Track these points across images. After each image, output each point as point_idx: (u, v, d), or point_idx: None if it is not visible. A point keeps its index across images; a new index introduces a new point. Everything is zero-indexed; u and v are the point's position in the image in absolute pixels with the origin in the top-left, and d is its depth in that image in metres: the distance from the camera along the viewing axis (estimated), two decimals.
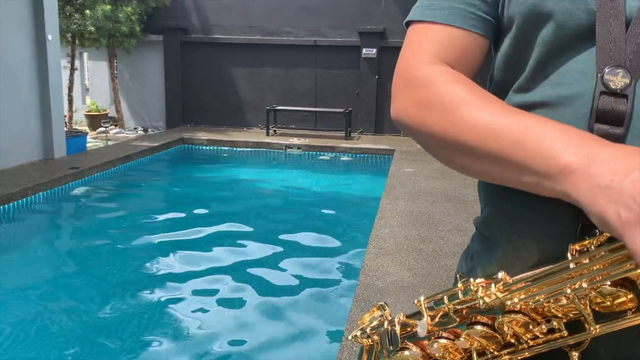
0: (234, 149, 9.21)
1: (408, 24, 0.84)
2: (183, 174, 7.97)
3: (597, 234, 0.56)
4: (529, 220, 0.73)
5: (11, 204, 5.35)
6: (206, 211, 5.99)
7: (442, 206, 5.26)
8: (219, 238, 5.00)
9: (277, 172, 8.10)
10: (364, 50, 10.08)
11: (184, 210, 6.01)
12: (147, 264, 4.34)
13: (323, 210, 6.14)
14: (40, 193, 5.80)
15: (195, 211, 5.97)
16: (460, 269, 0.88)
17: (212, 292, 3.87)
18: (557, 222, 0.68)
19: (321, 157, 8.82)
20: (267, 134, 9.89)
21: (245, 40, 10.48)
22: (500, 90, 0.81)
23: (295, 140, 9.29)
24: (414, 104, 0.77)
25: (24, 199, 5.54)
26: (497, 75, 0.82)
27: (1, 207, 5.22)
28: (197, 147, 9.35)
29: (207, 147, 9.31)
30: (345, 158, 8.75)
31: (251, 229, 5.37)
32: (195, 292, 3.86)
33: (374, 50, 10.05)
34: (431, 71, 0.77)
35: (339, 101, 10.44)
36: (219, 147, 9.27)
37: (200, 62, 10.76)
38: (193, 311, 3.58)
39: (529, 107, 0.73)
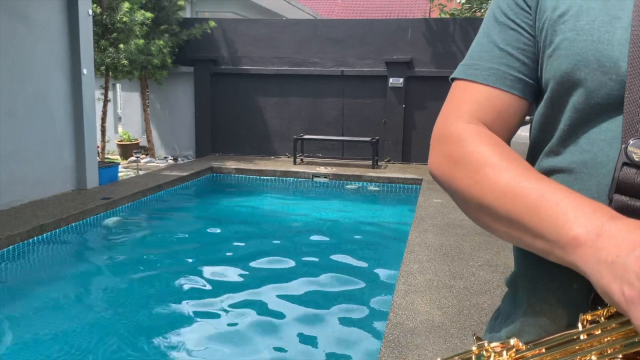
0: (262, 177, 9.27)
1: (453, 79, 0.88)
2: (212, 203, 8.05)
3: (609, 304, 0.56)
4: (546, 284, 0.74)
5: (44, 234, 5.47)
6: (234, 240, 6.03)
7: (472, 240, 5.17)
8: (245, 267, 5.00)
9: (304, 201, 8.12)
10: (391, 80, 10.13)
11: (213, 239, 6.06)
12: (178, 291, 4.37)
13: (350, 241, 6.10)
14: (73, 224, 5.91)
15: (224, 239, 6.03)
16: (488, 327, 0.89)
17: (235, 320, 3.85)
18: (571, 289, 0.69)
19: (348, 186, 8.80)
20: (295, 163, 9.94)
21: (273, 71, 10.64)
22: (534, 151, 0.83)
23: (322, 169, 9.31)
24: (445, 160, 0.80)
25: (57, 230, 5.66)
26: (533, 136, 0.83)
27: (35, 237, 5.34)
28: (225, 175, 9.45)
29: (236, 176, 9.40)
30: (372, 187, 8.72)
31: (277, 259, 5.37)
32: (220, 319, 3.86)
33: (401, 80, 10.08)
34: (464, 129, 0.80)
35: (365, 130, 10.47)
36: (247, 176, 9.35)
37: (229, 92, 10.95)
38: (217, 340, 3.57)
39: (556, 172, 0.74)
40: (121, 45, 8.91)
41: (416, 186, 8.52)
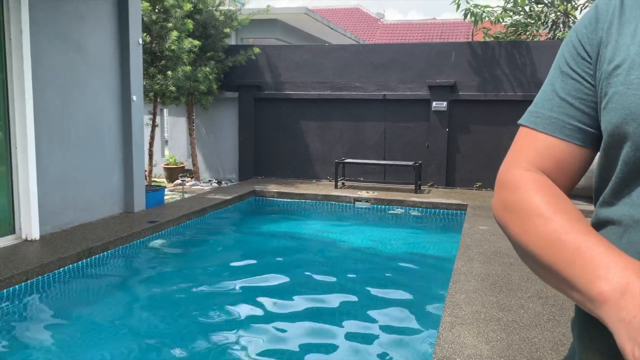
0: (303, 201, 9.29)
1: (519, 125, 0.91)
2: (254, 226, 8.11)
3: None
4: (590, 333, 0.78)
5: (93, 257, 5.62)
6: (275, 264, 6.04)
7: (521, 270, 5.00)
8: (286, 291, 4.98)
9: (345, 226, 8.07)
10: (434, 104, 10.05)
11: (255, 262, 6.09)
12: (222, 313, 4.39)
13: (392, 269, 6.00)
14: (121, 246, 6.05)
15: (266, 263, 6.04)
16: None
17: (277, 346, 3.82)
18: (608, 341, 0.69)
19: (390, 211, 8.71)
20: (336, 187, 9.94)
21: (316, 96, 10.74)
22: (595, 198, 0.84)
23: (364, 194, 9.26)
24: (502, 205, 0.85)
25: (105, 253, 5.80)
26: (594, 183, 0.85)
27: (84, 260, 5.49)
28: (267, 199, 9.52)
29: (278, 200, 9.46)
30: (415, 212, 8.60)
31: (316, 284, 5.33)
32: (261, 343, 3.83)
33: (445, 103, 9.99)
34: (520, 177, 0.83)
35: (408, 154, 10.38)
36: (288, 200, 9.39)
37: (272, 116, 11.10)
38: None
39: (609, 224, 0.77)
40: (169, 73, 9.19)
41: (461, 212, 8.35)
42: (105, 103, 6.98)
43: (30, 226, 5.79)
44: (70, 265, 5.29)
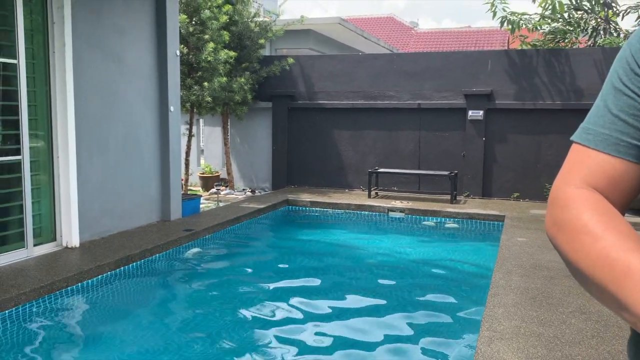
0: (336, 210, 9.26)
1: (572, 141, 0.91)
2: (288, 235, 8.12)
3: None
4: None
5: (131, 264, 5.71)
6: (308, 273, 6.03)
7: (562, 284, 4.85)
8: (318, 301, 4.95)
9: (379, 236, 8.00)
10: (470, 112, 9.91)
11: (289, 270, 6.08)
12: (255, 321, 4.39)
13: (427, 281, 5.91)
14: (157, 254, 6.14)
15: (298, 272, 6.03)
16: None
17: (310, 349, 3.80)
18: None
19: (425, 222, 8.59)
20: (369, 196, 9.88)
21: (349, 105, 10.73)
22: None
23: (397, 203, 9.17)
24: (553, 223, 0.83)
25: (142, 260, 5.89)
26: None
27: (122, 267, 5.59)
28: (300, 208, 9.53)
29: (311, 209, 9.46)
30: (450, 223, 8.46)
31: (348, 295, 5.28)
32: (295, 350, 3.82)
33: (481, 112, 9.84)
34: (571, 195, 0.82)
35: (443, 163, 10.25)
36: (321, 209, 9.38)
37: (305, 126, 11.14)
38: None
39: None
40: (206, 83, 9.33)
41: (498, 223, 8.18)
42: (143, 113, 7.13)
43: (70, 234, 5.94)
44: (109, 273, 5.40)
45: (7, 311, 4.27)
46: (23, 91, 5.35)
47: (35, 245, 5.62)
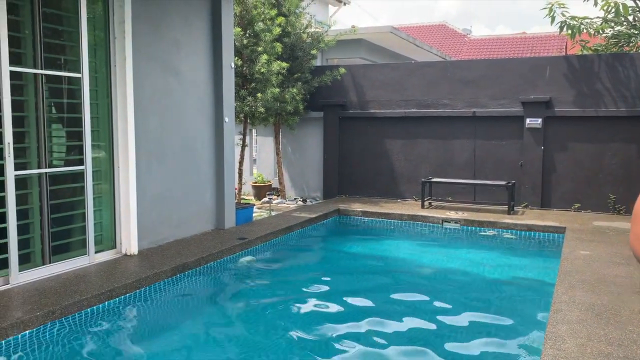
0: (388, 221, 9.15)
1: None
2: (340, 245, 8.07)
3: None
4: None
5: (187, 272, 5.82)
6: (360, 283, 5.96)
7: (631, 300, 4.57)
8: (372, 308, 4.86)
9: (433, 247, 7.82)
10: (528, 120, 9.59)
11: (340, 281, 6.03)
12: (308, 329, 4.36)
13: (484, 293, 5.71)
14: (212, 262, 6.23)
15: (350, 283, 5.96)
16: None
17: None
18: None
19: (481, 233, 8.35)
20: (423, 207, 9.70)
21: (401, 114, 10.62)
22: None
23: (452, 214, 8.96)
24: (636, 237, 0.80)
25: (198, 268, 5.99)
26: None
27: (178, 274, 5.69)
28: (352, 218, 9.47)
29: (362, 219, 9.38)
30: (508, 235, 8.18)
31: (403, 305, 5.16)
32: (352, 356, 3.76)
33: (539, 120, 9.51)
34: None
35: (500, 173, 9.96)
36: (373, 219, 9.29)
37: (356, 135, 11.10)
38: None
39: None
40: (259, 94, 9.46)
41: (558, 235, 7.85)
42: (199, 124, 7.29)
43: (129, 241, 6.12)
44: (165, 280, 5.51)
45: (70, 316, 4.42)
46: (86, 104, 5.58)
47: (96, 252, 5.81)
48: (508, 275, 6.38)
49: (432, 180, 9.92)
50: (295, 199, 11.54)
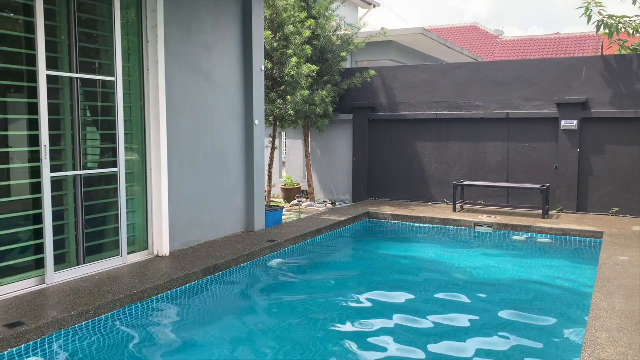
0: (419, 224, 9.03)
1: None
2: (369, 248, 8.01)
3: None
4: None
5: (217, 274, 5.85)
6: (389, 288, 5.87)
7: None
8: (401, 316, 4.79)
9: (465, 252, 7.68)
10: (563, 122, 9.36)
11: (369, 285, 5.97)
12: (338, 331, 4.32)
13: (518, 299, 5.56)
14: (242, 264, 6.25)
15: (383, 285, 5.90)
16: None
17: None
18: None
19: (515, 237, 8.17)
20: (454, 210, 9.55)
21: (432, 116, 10.49)
22: None
23: (485, 218, 8.80)
24: None
25: (228, 270, 6.01)
26: None
27: (209, 276, 5.73)
28: (382, 221, 9.39)
29: (392, 222, 9.29)
30: (542, 239, 7.98)
31: (434, 309, 5.06)
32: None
33: (575, 122, 9.26)
34: None
35: (534, 176, 9.74)
36: (403, 222, 9.19)
37: (386, 138, 11.01)
38: None
39: None
40: (289, 97, 9.48)
41: (596, 240, 7.62)
42: (230, 127, 7.34)
43: (161, 243, 6.19)
44: (196, 282, 5.55)
45: (103, 316, 4.48)
46: (120, 107, 5.67)
47: (129, 253, 5.90)
48: (543, 280, 6.21)
49: (465, 183, 9.76)
50: (324, 201, 11.52)
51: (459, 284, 6.15)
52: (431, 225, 8.93)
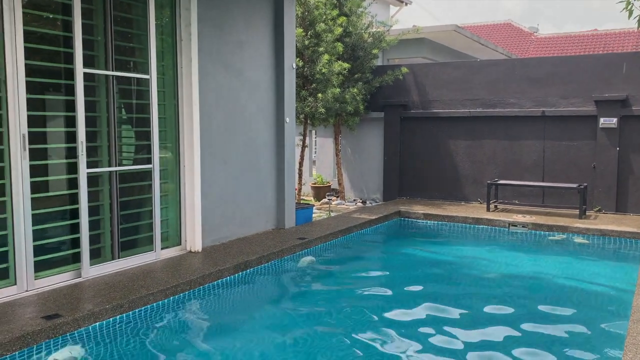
0: (452, 224, 8.90)
1: None
2: (400, 247, 7.93)
3: None
4: None
5: (248, 270, 5.87)
6: (420, 288, 5.77)
7: None
8: (434, 317, 4.70)
9: (499, 252, 7.53)
10: (602, 120, 9.08)
11: (401, 284, 5.90)
12: (368, 330, 4.28)
13: (555, 301, 5.41)
14: (273, 261, 6.26)
15: (408, 287, 5.81)
16: None
17: None
18: None
19: (550, 238, 7.96)
20: (488, 210, 9.38)
21: (465, 113, 10.32)
22: None
23: (520, 218, 8.61)
24: None
25: (259, 266, 6.03)
26: None
27: (240, 272, 5.75)
28: (413, 220, 9.29)
29: (424, 221, 9.18)
30: (579, 240, 7.76)
31: (464, 314, 4.95)
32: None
33: (614, 120, 8.98)
34: None
35: (570, 175, 9.48)
36: (435, 222, 9.07)
37: (418, 136, 10.89)
38: None
39: None
40: (319, 95, 9.46)
41: (636, 241, 7.37)
42: (261, 125, 7.36)
43: (194, 239, 6.25)
44: (228, 277, 5.58)
45: (136, 310, 4.54)
46: (154, 105, 5.74)
47: (162, 248, 5.97)
48: (581, 282, 6.03)
49: (499, 182, 9.57)
50: (354, 200, 11.47)
51: (492, 285, 6.03)
52: (464, 225, 8.79)
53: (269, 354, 4.04)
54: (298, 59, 9.24)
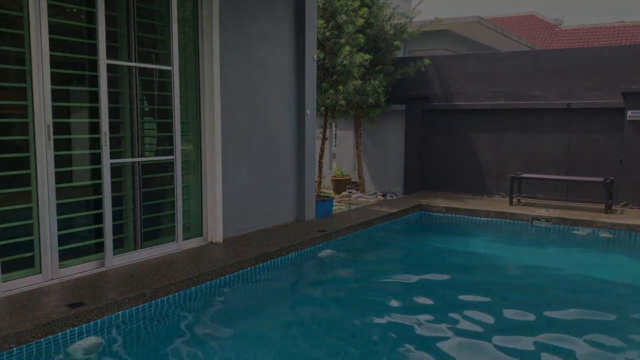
0: (474, 218, 8.79)
1: None
2: (420, 242, 7.86)
3: None
4: None
5: (269, 261, 5.88)
6: (442, 282, 5.73)
7: None
8: (454, 312, 4.64)
9: (522, 247, 7.42)
10: (629, 113, 8.87)
11: (419, 279, 5.84)
12: (384, 327, 4.25)
13: (580, 297, 5.32)
14: (293, 253, 6.26)
15: (430, 280, 5.76)
16: None
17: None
18: None
19: (575, 232, 7.82)
20: (511, 203, 9.25)
21: (489, 106, 10.17)
22: None
23: (543, 212, 8.47)
24: None
25: (279, 258, 6.03)
26: None
27: (261, 263, 5.76)
28: (434, 214, 9.21)
29: (445, 215, 9.09)
30: (605, 234, 7.61)
31: (484, 311, 4.87)
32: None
33: None
34: None
35: (596, 169, 9.29)
36: (457, 216, 8.97)
37: (440, 129, 10.77)
38: None
39: None
40: (340, 87, 9.40)
41: None
42: (282, 117, 7.34)
43: (215, 230, 6.28)
44: (249, 268, 5.59)
45: (159, 299, 4.58)
46: (176, 96, 5.76)
47: (184, 239, 6.01)
48: (608, 277, 5.91)
49: (522, 175, 9.43)
50: (374, 193, 11.41)
51: (514, 281, 5.95)
52: (487, 219, 8.68)
53: (289, 342, 4.03)
54: (319, 50, 9.19)
